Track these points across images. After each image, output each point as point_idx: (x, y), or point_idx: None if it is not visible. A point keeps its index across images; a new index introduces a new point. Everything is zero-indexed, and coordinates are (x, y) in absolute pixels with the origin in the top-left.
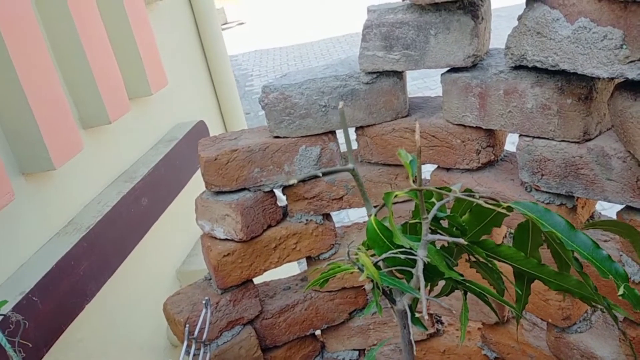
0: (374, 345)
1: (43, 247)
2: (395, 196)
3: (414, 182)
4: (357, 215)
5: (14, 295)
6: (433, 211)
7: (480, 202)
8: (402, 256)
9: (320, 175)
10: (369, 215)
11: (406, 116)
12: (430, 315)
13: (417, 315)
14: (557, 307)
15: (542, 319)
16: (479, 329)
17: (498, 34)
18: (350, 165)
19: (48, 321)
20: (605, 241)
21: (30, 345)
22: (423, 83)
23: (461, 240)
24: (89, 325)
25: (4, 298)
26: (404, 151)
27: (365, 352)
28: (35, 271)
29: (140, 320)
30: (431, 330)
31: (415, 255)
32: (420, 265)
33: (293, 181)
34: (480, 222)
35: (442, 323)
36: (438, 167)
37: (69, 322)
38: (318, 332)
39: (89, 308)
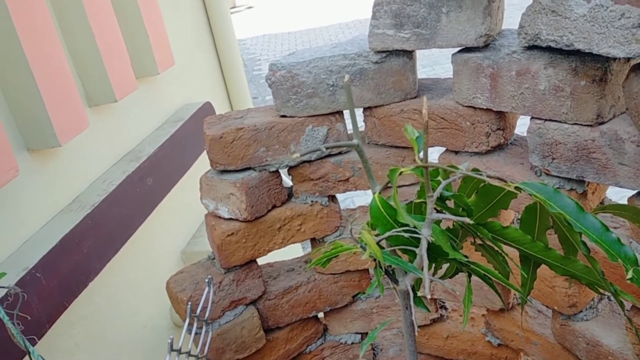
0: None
1: (47, 224)
2: (401, 173)
3: (420, 160)
4: (362, 202)
5: (18, 271)
6: (439, 189)
7: (488, 180)
8: (406, 235)
9: (324, 150)
10: (374, 193)
11: (415, 97)
12: (434, 300)
13: (419, 295)
14: (563, 294)
15: (547, 306)
16: (483, 315)
17: (509, 23)
18: (355, 141)
19: (51, 297)
20: (615, 228)
21: (31, 318)
22: (432, 70)
23: (467, 220)
24: (92, 303)
25: (8, 273)
26: (411, 127)
27: (367, 335)
28: (39, 247)
29: (143, 299)
30: (435, 316)
31: (420, 234)
32: (424, 245)
33: (296, 155)
34: (487, 204)
35: (445, 308)
36: (446, 150)
37: (72, 299)
38: (321, 315)
39: (92, 286)
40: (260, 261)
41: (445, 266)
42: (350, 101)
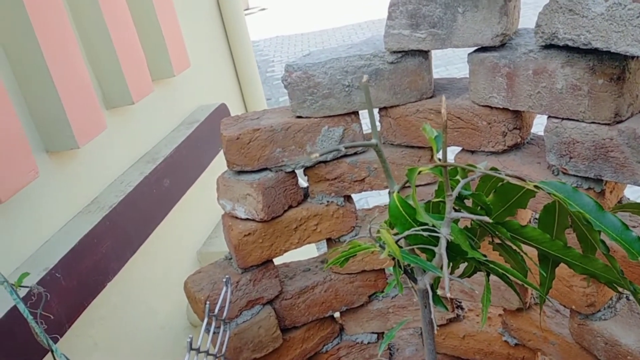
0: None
1: (66, 225)
2: (420, 172)
3: (438, 159)
4: (376, 202)
5: (38, 271)
6: (458, 188)
7: (507, 178)
8: (425, 234)
9: (343, 149)
10: (392, 192)
11: (431, 97)
12: (450, 300)
13: (439, 292)
14: (581, 293)
15: (565, 306)
16: (499, 315)
17: (523, 22)
18: (373, 140)
19: (70, 298)
20: (634, 227)
21: (52, 318)
22: (445, 70)
23: (486, 218)
24: (110, 303)
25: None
26: (429, 126)
27: (384, 335)
28: (59, 248)
29: (160, 300)
30: (451, 315)
31: (438, 233)
32: (443, 243)
33: (315, 155)
34: (505, 203)
35: (462, 308)
36: (462, 149)
37: (90, 300)
38: (337, 315)
39: (110, 286)
40: (277, 261)
41: (462, 266)
42: (368, 101)
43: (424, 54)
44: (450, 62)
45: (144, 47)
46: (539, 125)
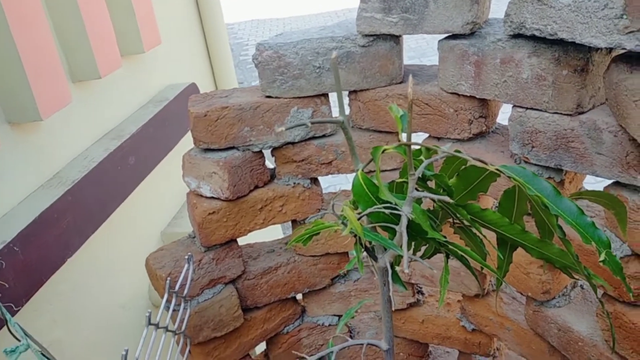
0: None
1: (27, 198)
2: (384, 151)
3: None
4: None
5: None
6: (421, 167)
7: (470, 159)
8: (387, 212)
9: (309, 124)
10: (356, 170)
11: (400, 82)
12: (411, 285)
13: (397, 270)
14: (537, 280)
15: (521, 293)
16: (458, 301)
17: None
18: (340, 117)
19: (29, 272)
20: (591, 217)
21: (7, 286)
22: (419, 62)
23: (446, 198)
24: (70, 280)
25: None
26: (395, 105)
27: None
28: (18, 221)
29: (122, 279)
30: (412, 300)
31: (400, 212)
32: (404, 221)
33: (281, 129)
34: (467, 186)
35: (422, 293)
36: (429, 136)
37: (49, 275)
38: (299, 296)
39: (70, 263)
40: (241, 242)
41: (423, 248)
42: (337, 79)
43: (396, 38)
44: (424, 54)
45: (114, 21)
46: (504, 114)
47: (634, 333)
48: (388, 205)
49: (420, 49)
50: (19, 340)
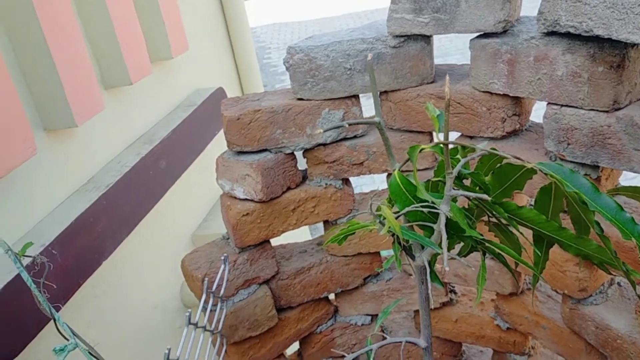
0: None
1: (63, 203)
2: (421, 150)
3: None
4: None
5: (35, 248)
6: (459, 166)
7: (507, 156)
8: (425, 211)
9: (346, 125)
10: (393, 170)
11: (432, 82)
12: (444, 284)
13: (436, 267)
14: (574, 278)
15: (557, 291)
16: (492, 300)
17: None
18: (376, 118)
19: (66, 275)
20: (632, 217)
21: (55, 287)
22: (443, 62)
23: (484, 196)
24: (105, 282)
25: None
26: (432, 105)
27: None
28: (56, 225)
29: (154, 280)
30: (445, 299)
31: (438, 210)
32: (442, 219)
33: (319, 131)
34: (503, 184)
35: (455, 293)
36: (462, 135)
37: (86, 278)
38: (332, 296)
39: (105, 265)
40: (274, 243)
41: (458, 247)
42: (372, 79)
43: (426, 38)
44: (447, 53)
45: (143, 28)
46: (537, 111)
47: None
48: (426, 204)
49: (444, 48)
50: (67, 340)
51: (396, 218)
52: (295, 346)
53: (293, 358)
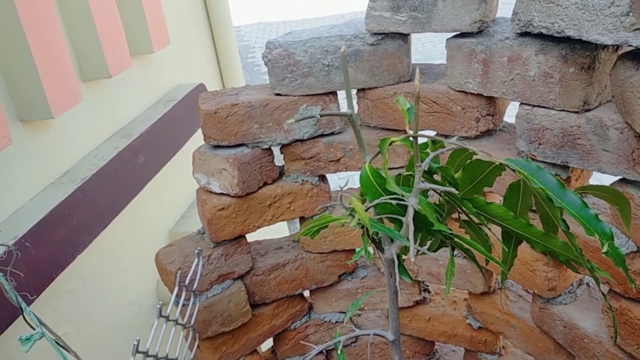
0: (361, 308)
1: (38, 195)
2: (391, 143)
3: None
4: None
5: (7, 240)
6: (428, 159)
7: (476, 151)
8: (394, 203)
9: (318, 116)
10: (364, 163)
11: (408, 80)
12: (417, 282)
13: (404, 259)
14: (543, 277)
15: (527, 291)
16: (464, 299)
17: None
18: (348, 110)
19: (39, 268)
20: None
21: (22, 275)
22: None
23: (452, 190)
24: (80, 276)
25: None
26: (402, 98)
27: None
28: (29, 217)
29: (130, 276)
30: (418, 298)
31: (407, 203)
32: (410, 212)
33: (291, 121)
34: (472, 180)
35: (429, 291)
36: (437, 133)
37: (59, 271)
38: (307, 293)
39: (80, 259)
40: (249, 238)
41: (430, 243)
42: (345, 72)
43: (404, 37)
44: (430, 57)
45: (124, 21)
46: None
47: (639, 329)
48: (395, 197)
49: (427, 51)
50: (34, 329)
51: (366, 210)
52: (269, 343)
53: (267, 355)
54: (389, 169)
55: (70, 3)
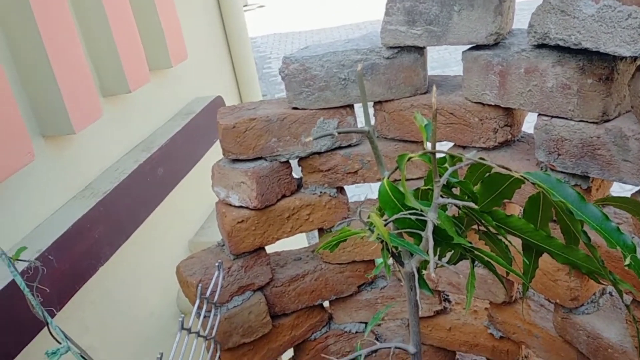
0: (382, 319)
1: (60, 209)
2: (409, 159)
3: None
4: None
5: (31, 253)
6: (446, 174)
7: (494, 166)
8: (413, 218)
9: (336, 134)
10: (383, 178)
11: (425, 93)
12: (438, 292)
13: (423, 274)
14: (565, 287)
15: (549, 300)
16: (485, 308)
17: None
18: (365, 127)
19: (62, 280)
20: (618, 224)
21: (48, 291)
22: (442, 73)
23: (471, 204)
24: (101, 288)
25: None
26: (420, 114)
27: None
28: (52, 231)
29: (151, 287)
30: (438, 308)
31: (426, 218)
32: (429, 227)
33: (309, 139)
34: (491, 193)
35: (449, 301)
36: (454, 145)
37: (82, 283)
38: (326, 304)
39: (102, 271)
40: (268, 250)
41: (449, 255)
42: (362, 89)
43: (420, 50)
44: (446, 65)
45: (142, 36)
46: (529, 123)
47: None
48: (414, 212)
49: (443, 59)
50: (60, 343)
51: (385, 225)
52: (289, 353)
53: None
54: (407, 179)
55: (90, 21)
